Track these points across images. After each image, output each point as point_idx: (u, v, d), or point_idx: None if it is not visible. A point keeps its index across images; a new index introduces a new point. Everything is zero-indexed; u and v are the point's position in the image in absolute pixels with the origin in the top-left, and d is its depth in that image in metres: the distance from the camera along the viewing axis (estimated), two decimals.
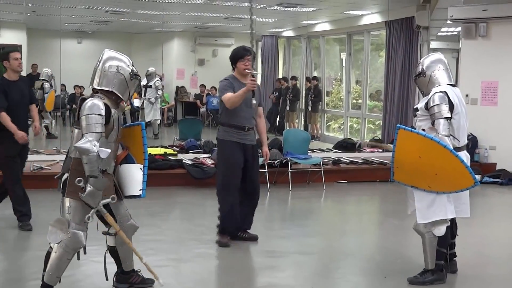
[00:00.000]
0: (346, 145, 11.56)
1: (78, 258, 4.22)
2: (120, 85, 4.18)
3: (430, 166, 4.60)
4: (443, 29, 12.76)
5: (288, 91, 15.23)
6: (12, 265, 5.23)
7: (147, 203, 6.70)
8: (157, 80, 13.61)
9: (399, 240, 6.44)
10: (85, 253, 4.22)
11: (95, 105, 3.96)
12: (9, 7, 13.72)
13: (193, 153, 10.13)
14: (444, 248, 4.78)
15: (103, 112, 3.97)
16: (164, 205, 7.40)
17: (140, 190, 4.38)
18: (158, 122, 13.65)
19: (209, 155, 9.58)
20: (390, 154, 11.64)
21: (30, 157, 6.92)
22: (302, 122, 15.42)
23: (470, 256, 5.83)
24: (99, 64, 4.22)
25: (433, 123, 4.67)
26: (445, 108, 4.59)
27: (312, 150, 10.68)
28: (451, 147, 4.52)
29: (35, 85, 12.42)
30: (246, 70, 5.77)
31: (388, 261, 5.53)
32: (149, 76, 13.58)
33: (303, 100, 15.41)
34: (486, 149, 10.54)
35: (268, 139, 9.67)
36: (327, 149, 11.77)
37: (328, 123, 15.83)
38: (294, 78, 15.62)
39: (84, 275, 4.88)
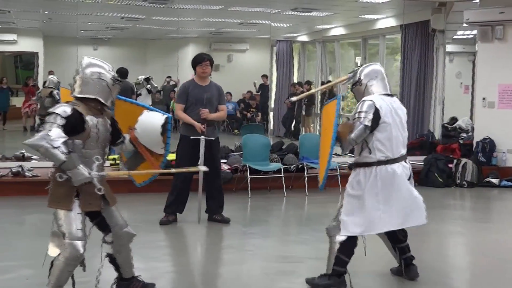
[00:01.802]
0: None
1: (84, 270, 4.19)
2: (103, 91, 4.12)
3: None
4: (459, 32, 12.70)
5: None
6: (37, 270, 5.25)
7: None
8: (147, 86, 13.03)
9: (415, 245, 6.35)
10: (84, 270, 4.18)
11: (59, 107, 3.97)
12: (26, 15, 13.87)
13: None
14: (345, 256, 4.66)
15: (65, 115, 3.92)
16: None
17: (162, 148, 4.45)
18: None
19: (225, 160, 9.59)
20: None
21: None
22: (318, 127, 15.39)
23: (488, 261, 5.78)
24: (79, 72, 4.14)
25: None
26: (368, 116, 4.54)
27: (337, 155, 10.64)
28: (333, 143, 4.58)
29: (42, 93, 12.05)
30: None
31: None
32: (138, 85, 12.91)
33: (319, 105, 15.39)
34: (504, 152, 10.44)
35: (284, 144, 9.71)
36: (343, 153, 11.71)
37: None
38: (308, 82, 15.60)
39: (102, 281, 4.88)
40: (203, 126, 6.69)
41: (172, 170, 5.93)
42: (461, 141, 11.31)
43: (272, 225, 7.54)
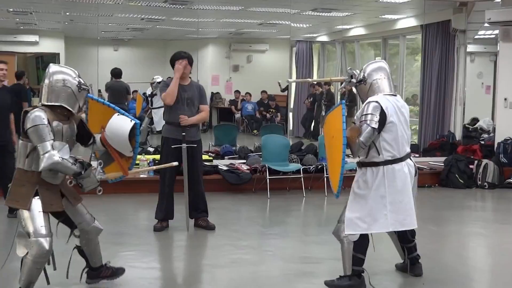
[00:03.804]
0: None
1: (54, 268, 4.32)
2: (69, 98, 4.20)
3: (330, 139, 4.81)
4: (480, 32, 12.59)
5: (323, 96, 15.17)
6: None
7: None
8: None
9: (436, 247, 6.35)
10: (54, 269, 4.32)
11: (37, 117, 4.05)
12: (47, 16, 14.01)
13: (229, 158, 10.16)
14: (361, 254, 4.68)
15: (45, 121, 4.05)
16: None
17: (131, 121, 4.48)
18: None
19: (244, 161, 9.60)
20: (427, 159, 11.52)
21: None
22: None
23: (509, 263, 5.73)
24: (45, 80, 4.22)
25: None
26: (375, 118, 4.51)
27: (348, 156, 10.58)
28: (345, 148, 4.48)
29: None
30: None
31: (425, 268, 5.44)
32: (152, 84, 12.51)
33: None
34: None
35: (303, 144, 9.69)
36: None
37: None
38: (328, 83, 15.54)
39: (122, 280, 4.93)
40: (183, 133, 6.48)
41: (143, 169, 5.93)
42: (482, 142, 11.21)
43: (291, 225, 7.53)
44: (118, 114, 4.53)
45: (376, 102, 4.59)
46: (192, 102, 6.60)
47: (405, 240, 5.03)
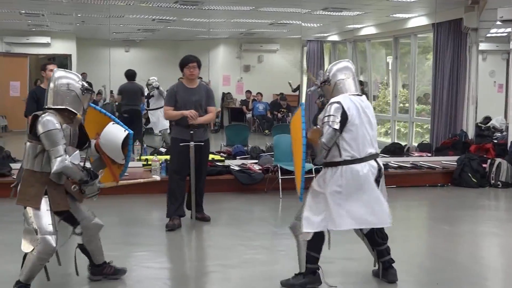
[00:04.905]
0: (394, 150, 11.46)
1: (59, 264, 4.48)
2: (74, 101, 4.41)
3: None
4: (492, 30, 12.49)
5: None
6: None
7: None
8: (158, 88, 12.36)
9: (449, 246, 6.33)
10: (59, 264, 4.48)
11: (49, 121, 4.25)
12: (59, 18, 14.07)
13: (240, 159, 10.17)
14: (315, 252, 4.69)
15: (58, 126, 4.25)
16: (211, 210, 7.44)
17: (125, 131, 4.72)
18: (168, 131, 12.62)
19: (256, 161, 9.60)
20: (439, 158, 11.48)
21: None
22: None
23: None
24: (51, 84, 4.45)
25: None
26: (336, 120, 4.50)
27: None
28: (305, 148, 4.53)
29: None
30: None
31: (439, 268, 5.44)
32: (150, 86, 12.44)
33: None
34: None
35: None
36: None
37: None
38: None
39: (135, 281, 4.95)
40: (191, 132, 6.65)
41: (130, 181, 5.93)
42: (495, 141, 11.15)
43: None
44: (113, 123, 4.78)
45: (338, 103, 4.57)
46: (200, 105, 6.78)
47: (374, 242, 4.94)
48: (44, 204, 4.30)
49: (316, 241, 4.68)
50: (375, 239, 4.93)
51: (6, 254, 5.33)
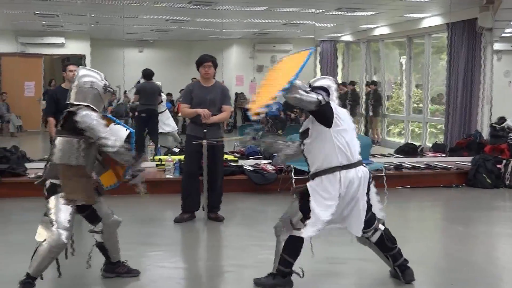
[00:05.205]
0: (408, 150, 11.42)
1: (66, 257, 4.52)
2: (95, 99, 4.56)
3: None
4: (507, 30, 12.43)
5: (347, 96, 15.12)
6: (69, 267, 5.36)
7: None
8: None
9: (464, 247, 6.30)
10: (73, 254, 4.57)
11: (86, 116, 4.39)
12: (73, 18, 14.15)
13: (254, 159, 10.17)
14: (289, 257, 4.69)
15: (95, 116, 4.42)
16: (225, 211, 7.46)
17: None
18: (177, 130, 13.01)
19: (270, 161, 9.59)
20: (453, 158, 11.38)
21: None
22: (362, 127, 15.28)
23: None
24: (74, 82, 4.59)
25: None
26: (326, 98, 4.43)
27: (373, 155, 10.56)
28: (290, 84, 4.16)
29: None
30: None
31: (453, 268, 5.42)
32: None
33: (363, 105, 15.28)
34: None
35: None
36: (388, 154, 11.62)
37: (388, 128, 15.65)
38: (352, 83, 15.50)
39: (149, 280, 4.97)
40: (204, 130, 6.76)
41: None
42: (510, 141, 11.07)
43: None
44: (115, 124, 4.86)
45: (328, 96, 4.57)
46: (214, 103, 6.89)
47: (385, 248, 4.89)
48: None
49: (295, 247, 4.68)
50: (386, 244, 4.88)
51: (18, 254, 5.35)
